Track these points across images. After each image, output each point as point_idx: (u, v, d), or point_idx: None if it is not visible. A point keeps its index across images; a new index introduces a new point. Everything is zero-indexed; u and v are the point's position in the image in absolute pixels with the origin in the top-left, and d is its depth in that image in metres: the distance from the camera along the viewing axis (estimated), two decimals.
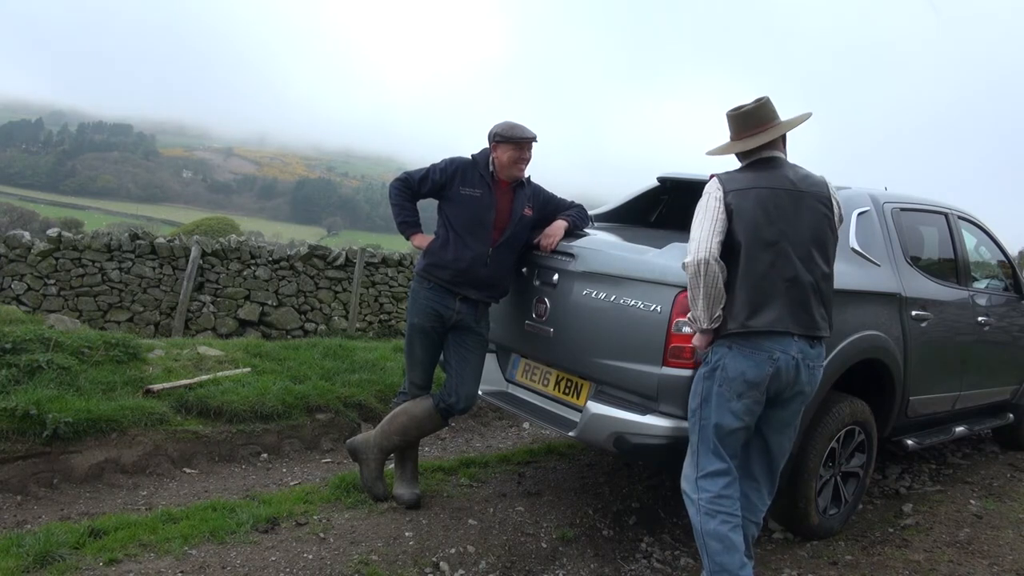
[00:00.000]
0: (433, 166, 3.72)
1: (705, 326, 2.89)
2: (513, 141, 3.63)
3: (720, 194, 2.93)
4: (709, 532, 2.91)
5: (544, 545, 3.57)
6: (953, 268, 4.65)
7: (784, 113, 3.11)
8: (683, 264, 2.90)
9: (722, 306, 2.88)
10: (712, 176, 3.01)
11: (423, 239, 3.75)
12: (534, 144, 3.69)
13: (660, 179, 4.72)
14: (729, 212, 2.90)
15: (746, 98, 3.55)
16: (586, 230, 3.90)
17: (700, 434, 2.97)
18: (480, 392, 3.94)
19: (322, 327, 10.57)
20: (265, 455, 4.78)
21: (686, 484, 3.02)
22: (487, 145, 3.73)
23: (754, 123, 3.04)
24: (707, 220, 2.89)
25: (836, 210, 3.06)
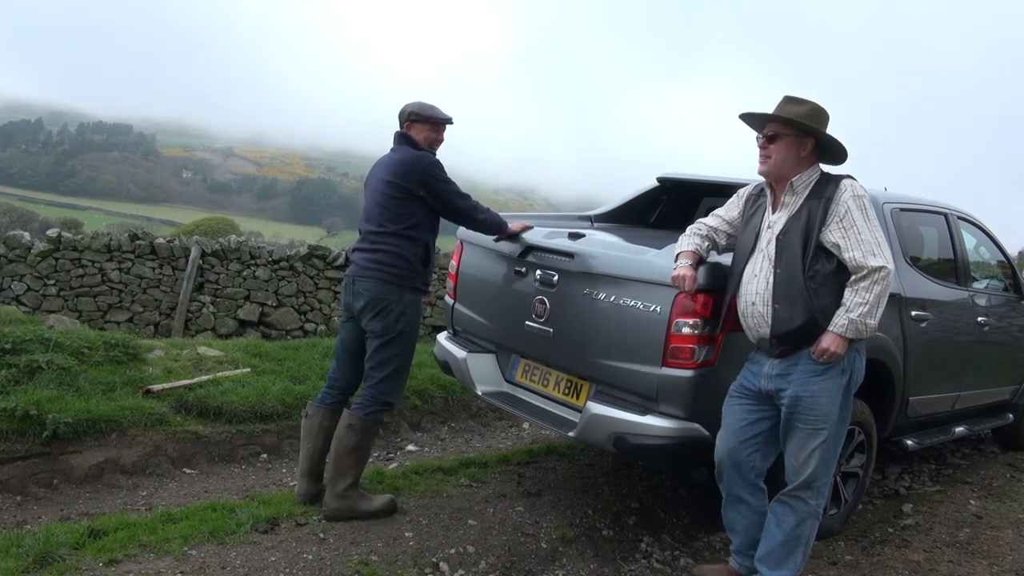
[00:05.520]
0: (443, 169, 3.50)
1: (873, 333, 2.83)
2: (432, 121, 3.55)
3: None
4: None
5: (544, 545, 3.57)
6: (953, 268, 4.65)
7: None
8: (879, 268, 2.75)
9: None
10: (854, 178, 2.93)
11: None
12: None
13: (660, 179, 4.73)
14: None
15: (746, 94, 3.52)
16: (586, 230, 3.90)
17: (834, 448, 2.98)
18: (480, 392, 3.95)
19: (322, 327, 10.56)
20: (265, 455, 4.78)
21: (816, 497, 2.97)
22: (399, 129, 3.60)
23: (796, 101, 2.94)
24: (881, 228, 2.87)
25: None
